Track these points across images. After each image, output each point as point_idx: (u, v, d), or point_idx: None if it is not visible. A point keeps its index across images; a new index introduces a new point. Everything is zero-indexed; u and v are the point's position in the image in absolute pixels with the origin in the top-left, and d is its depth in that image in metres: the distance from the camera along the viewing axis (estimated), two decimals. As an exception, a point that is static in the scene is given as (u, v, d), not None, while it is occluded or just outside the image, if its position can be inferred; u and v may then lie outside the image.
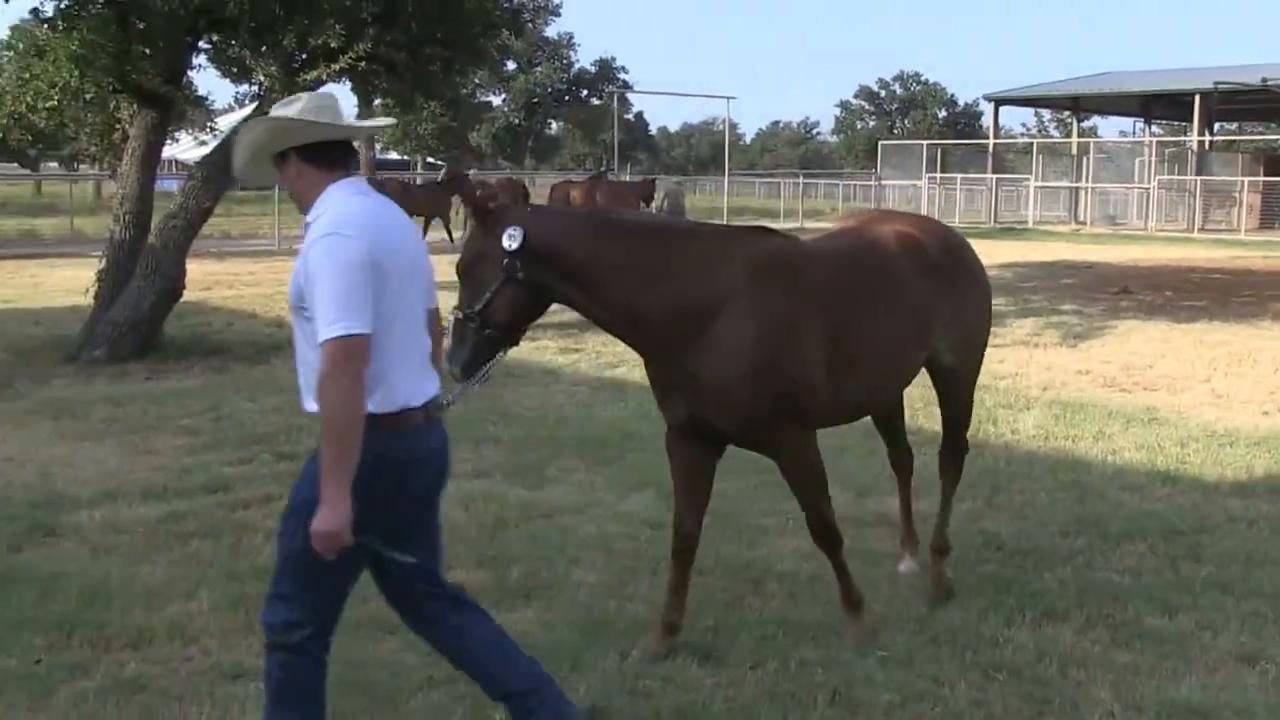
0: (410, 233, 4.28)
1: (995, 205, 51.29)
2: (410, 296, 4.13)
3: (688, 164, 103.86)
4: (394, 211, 4.22)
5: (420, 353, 4.21)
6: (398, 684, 5.17)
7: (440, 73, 15.63)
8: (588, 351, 14.14)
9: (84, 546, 6.93)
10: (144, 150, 14.64)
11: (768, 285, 5.24)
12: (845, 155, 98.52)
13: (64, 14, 14.24)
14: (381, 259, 3.94)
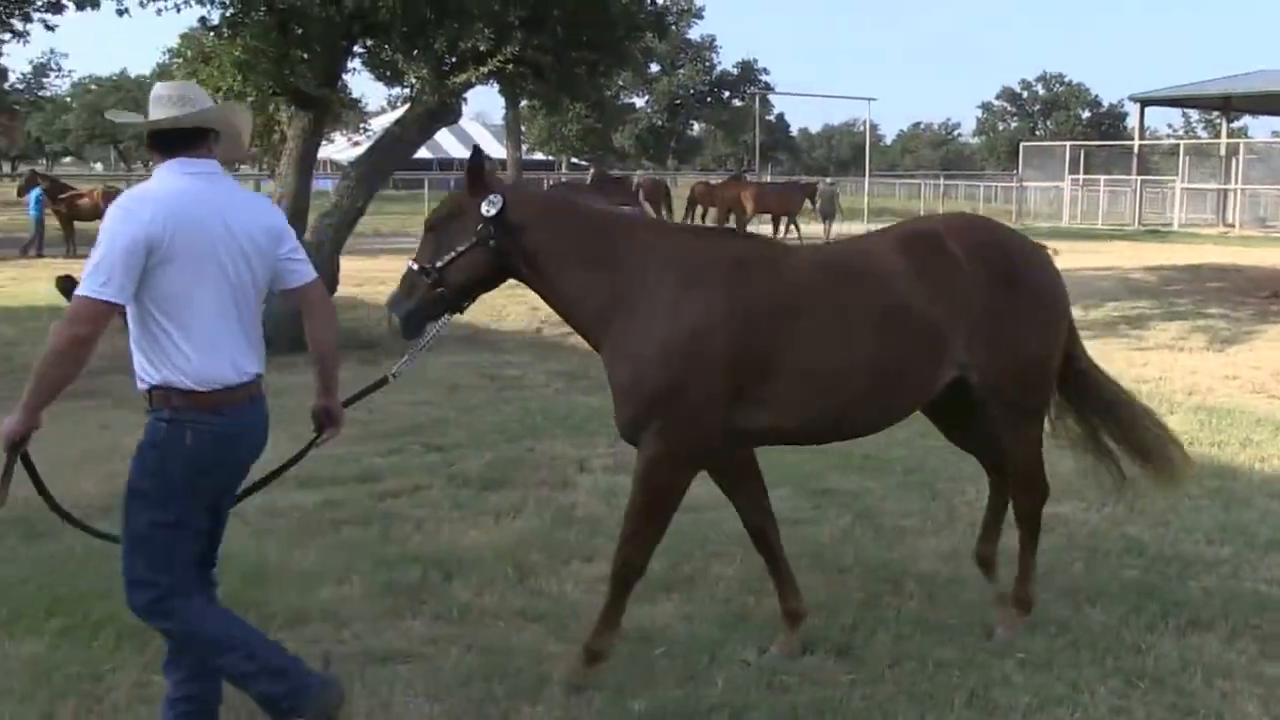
0: (238, 217, 4.22)
1: (1139, 207, 49.92)
2: (218, 278, 4.13)
3: (828, 165, 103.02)
4: (217, 195, 4.20)
5: (238, 333, 4.23)
6: (541, 671, 5.20)
7: (586, 75, 15.74)
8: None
9: (245, 529, 7.11)
10: (301, 151, 15.00)
11: (687, 288, 5.01)
12: (986, 157, 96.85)
13: (229, 22, 14.68)
14: (166, 238, 4.00)
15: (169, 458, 4.13)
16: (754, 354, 4.98)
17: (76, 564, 6.38)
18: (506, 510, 7.51)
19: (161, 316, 4.09)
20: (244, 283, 4.23)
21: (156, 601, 4.18)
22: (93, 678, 5.08)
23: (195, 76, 15.91)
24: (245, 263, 4.22)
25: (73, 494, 7.70)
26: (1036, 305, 5.47)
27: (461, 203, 5.15)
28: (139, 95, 70.94)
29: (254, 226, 4.26)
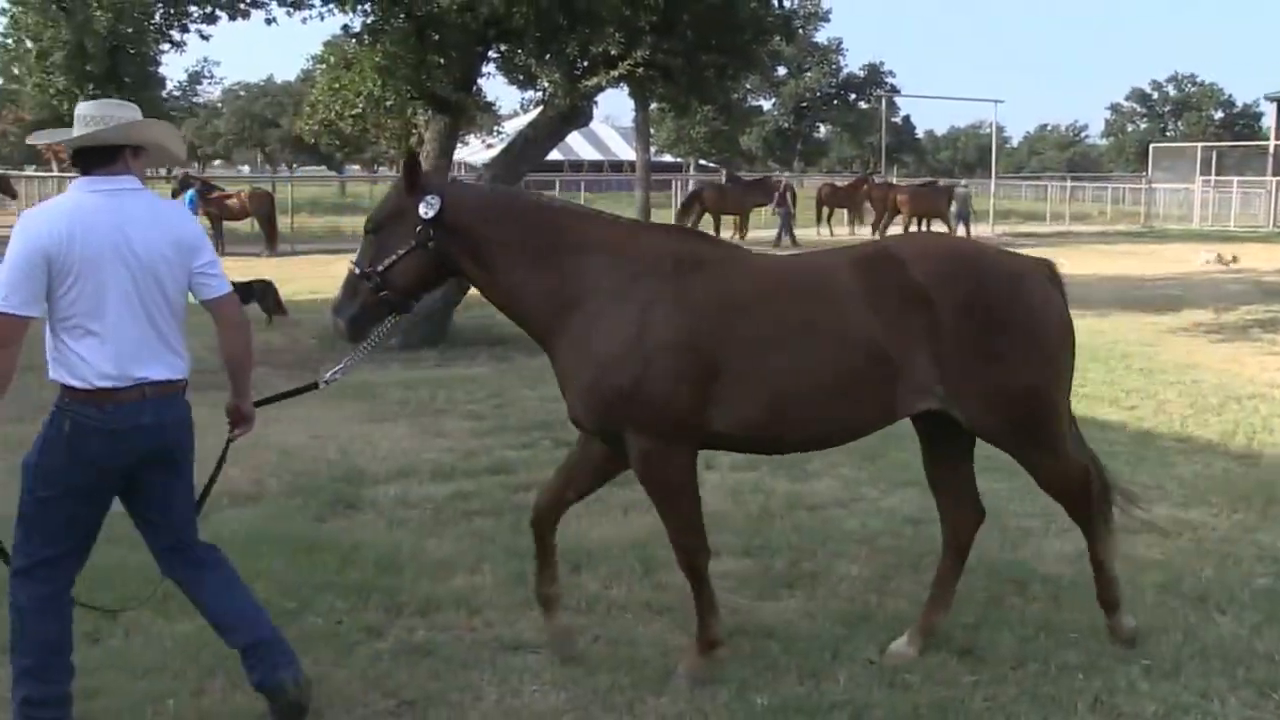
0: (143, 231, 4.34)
1: (1275, 208, 48.28)
2: (118, 287, 4.28)
3: (953, 167, 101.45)
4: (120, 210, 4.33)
5: (141, 339, 4.36)
6: (666, 663, 5.22)
7: (714, 78, 15.71)
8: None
9: (380, 519, 7.27)
10: (437, 153, 15.23)
11: (639, 286, 4.92)
12: (1115, 158, 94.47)
13: (369, 29, 14.96)
14: (59, 253, 4.20)
15: (49, 445, 4.37)
16: (701, 349, 4.86)
17: (226, 548, 6.51)
18: (634, 505, 7.53)
19: (58, 321, 4.32)
20: (149, 292, 4.38)
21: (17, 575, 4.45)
22: (237, 657, 5.22)
23: (338, 82, 16.24)
24: (150, 273, 4.37)
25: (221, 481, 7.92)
26: (1022, 334, 5.02)
27: (400, 204, 5.04)
28: (284, 100, 72.72)
29: (160, 240, 4.40)
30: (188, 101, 49.71)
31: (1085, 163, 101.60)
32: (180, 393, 4.59)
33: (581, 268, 4.98)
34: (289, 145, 73.79)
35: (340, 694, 4.90)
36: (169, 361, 4.50)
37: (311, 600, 5.85)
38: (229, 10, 16.56)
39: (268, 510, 7.44)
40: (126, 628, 5.55)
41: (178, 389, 4.56)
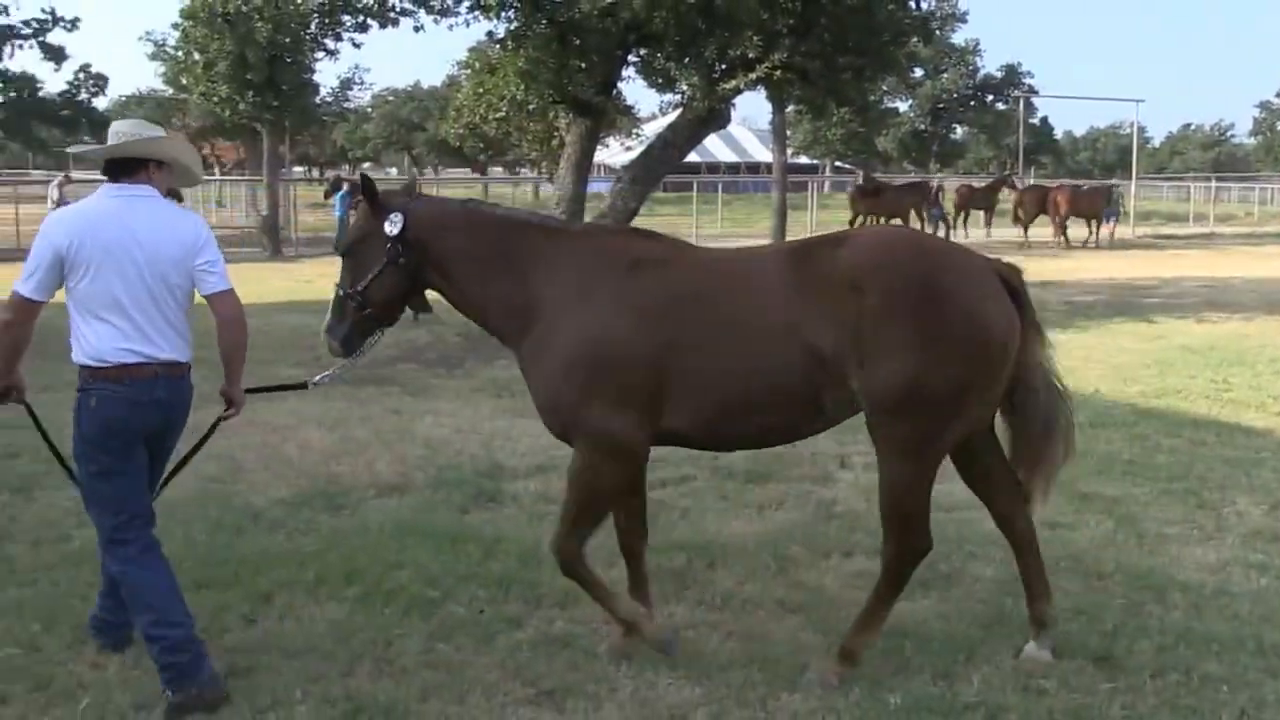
0: (150, 234, 4.83)
1: None
2: (126, 280, 4.77)
3: (1093, 168, 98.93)
4: (133, 214, 4.85)
5: (148, 324, 4.83)
6: (799, 660, 5.18)
7: (851, 80, 15.60)
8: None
9: (521, 513, 7.34)
10: (578, 155, 15.36)
11: (591, 290, 4.97)
12: (1263, 158, 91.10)
13: (513, 35, 15.16)
14: (69, 253, 4.76)
15: (83, 421, 4.84)
16: (643, 353, 4.87)
17: (373, 537, 6.71)
18: (769, 503, 7.51)
19: (76, 310, 4.84)
20: (156, 284, 4.84)
21: (104, 543, 4.94)
22: (385, 642, 5.33)
23: (482, 86, 16.50)
24: (155, 268, 4.83)
25: (368, 473, 8.11)
26: (947, 335, 4.70)
27: (367, 226, 5.21)
28: (430, 104, 73.93)
29: (165, 240, 4.87)
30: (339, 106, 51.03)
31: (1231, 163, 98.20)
32: (185, 375, 5.03)
33: (532, 276, 5.07)
34: (435, 148, 74.97)
35: (481, 682, 4.96)
36: (175, 345, 4.95)
37: (454, 590, 5.94)
38: (379, 19, 16.90)
39: (413, 502, 7.57)
40: (280, 611, 5.70)
41: (183, 371, 5.01)
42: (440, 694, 4.86)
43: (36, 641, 5.31)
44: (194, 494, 7.66)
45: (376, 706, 4.71)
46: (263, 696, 4.79)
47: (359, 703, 4.75)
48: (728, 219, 41.24)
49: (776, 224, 34.47)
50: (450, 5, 15.53)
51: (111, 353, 4.78)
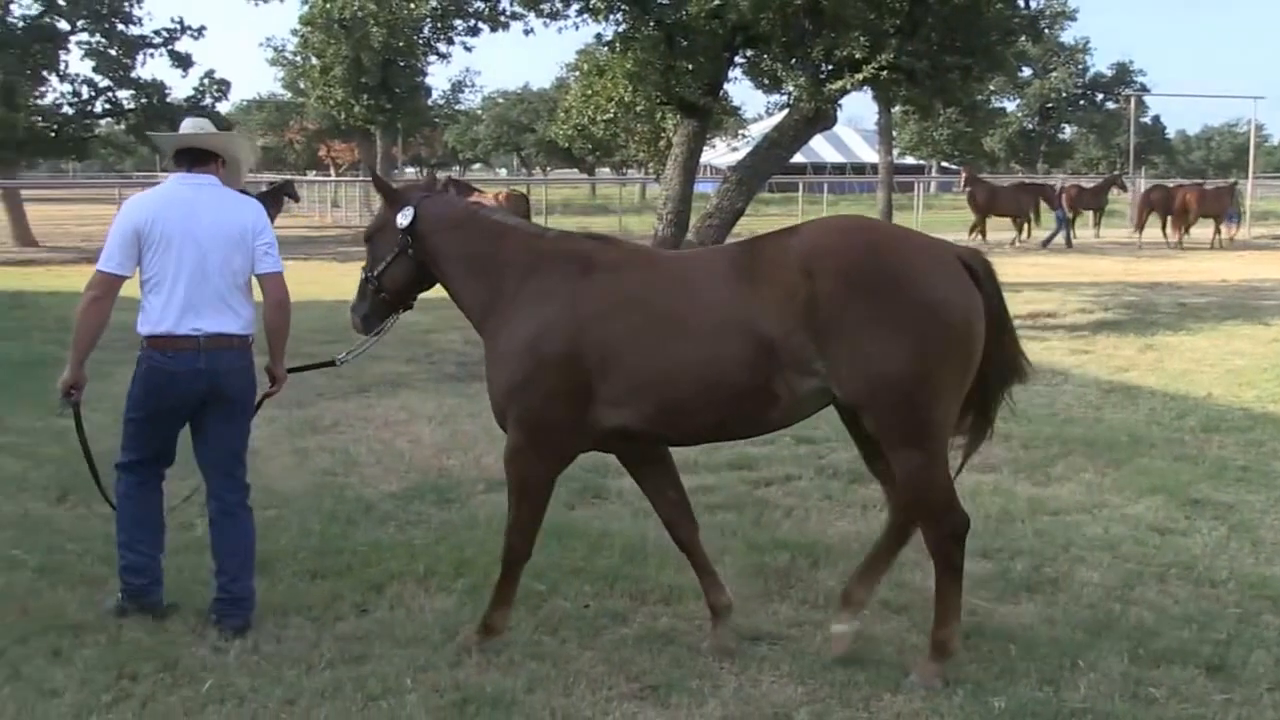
0: (211, 216, 5.37)
1: None
2: (190, 259, 5.29)
3: (1206, 167, 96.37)
4: (197, 200, 5.39)
5: (204, 300, 5.32)
6: (903, 661, 5.13)
7: (959, 80, 15.37)
8: (1098, 354, 13.44)
9: (625, 509, 7.36)
10: (685, 156, 15.34)
11: (543, 291, 5.12)
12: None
13: (621, 37, 15.19)
14: (145, 229, 5.30)
15: (135, 379, 5.45)
16: (589, 353, 4.94)
17: (481, 531, 6.77)
18: (873, 503, 7.43)
19: (143, 282, 5.37)
20: (213, 263, 5.34)
21: (117, 467, 5.59)
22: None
23: (590, 88, 16.57)
24: (214, 249, 5.34)
25: (476, 467, 8.19)
26: (906, 318, 4.64)
27: (385, 216, 5.57)
28: (539, 106, 74.52)
29: (226, 223, 5.40)
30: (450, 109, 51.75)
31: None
32: (237, 347, 5.44)
33: (502, 278, 5.27)
34: (543, 149, 75.61)
35: (586, 675, 4.97)
36: (226, 319, 5.39)
37: (561, 584, 5.97)
38: (491, 23, 17.19)
39: (521, 496, 7.62)
40: (391, 601, 5.78)
41: (233, 343, 5.41)
42: (546, 686, 4.89)
43: (163, 624, 5.46)
44: (309, 487, 7.81)
45: (484, 697, 4.75)
46: (373, 684, 4.86)
47: (466, 693, 4.80)
48: (833, 219, 40.91)
49: (882, 224, 34.23)
50: (560, 8, 15.62)
51: (159, 323, 5.31)
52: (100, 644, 5.24)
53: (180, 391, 5.36)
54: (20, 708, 4.67)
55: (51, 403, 6.15)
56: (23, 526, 6.93)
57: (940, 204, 52.41)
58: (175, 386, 5.35)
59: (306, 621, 5.53)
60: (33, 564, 6.24)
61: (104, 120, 38.33)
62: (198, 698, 4.77)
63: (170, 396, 5.38)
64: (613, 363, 4.93)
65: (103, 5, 34.62)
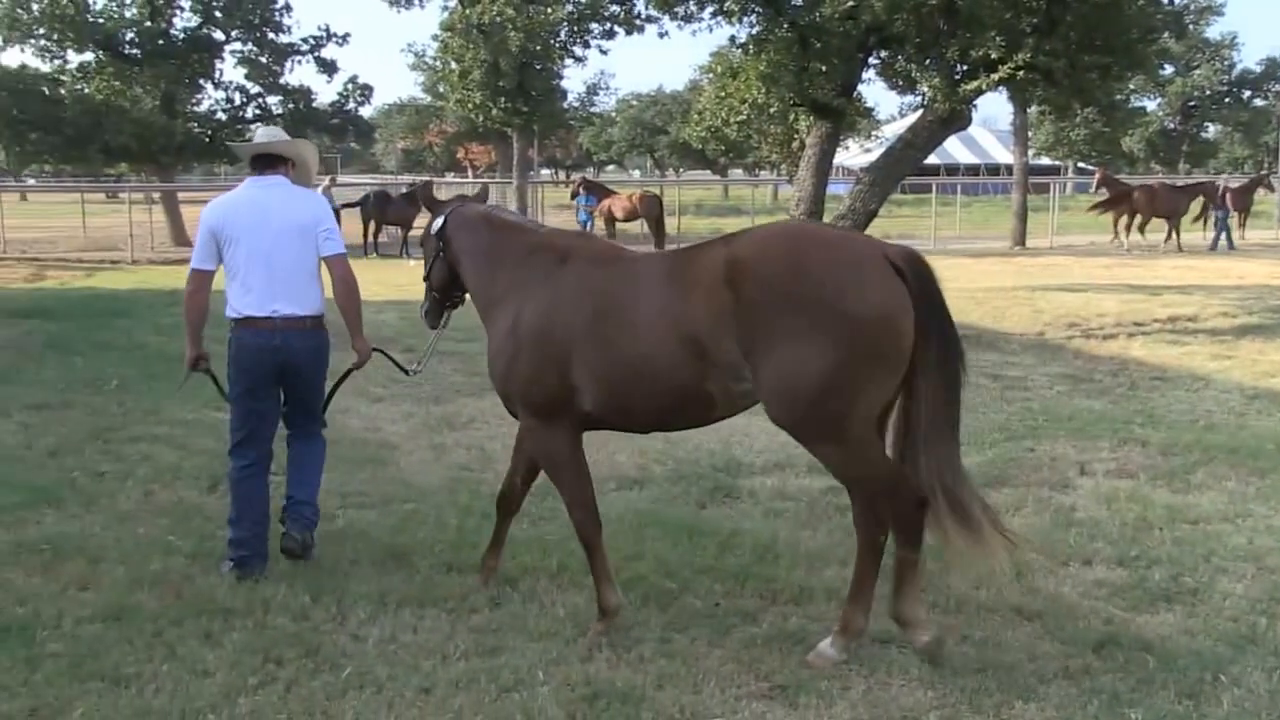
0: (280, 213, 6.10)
1: None
2: (263, 251, 6.04)
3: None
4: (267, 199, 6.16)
5: (277, 285, 6.06)
6: (1035, 668, 5.02)
7: (1098, 79, 14.95)
8: (1241, 359, 12.97)
9: (757, 509, 7.33)
10: (818, 157, 15.24)
11: (527, 288, 5.48)
12: None
13: (755, 39, 15.14)
14: (222, 228, 6.11)
15: (228, 360, 6.19)
16: (559, 335, 5.26)
17: (613, 528, 6.78)
18: (1005, 507, 7.28)
19: (227, 274, 6.14)
20: (282, 254, 6.06)
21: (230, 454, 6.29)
22: (622, 630, 5.40)
23: (724, 90, 16.56)
24: (287, 241, 6.07)
25: (609, 465, 8.24)
26: (821, 323, 4.68)
27: (429, 222, 6.18)
28: (673, 108, 74.64)
29: (295, 214, 6.13)
30: (585, 111, 52.14)
31: None
32: (308, 326, 6.15)
33: (499, 269, 5.72)
34: (676, 151, 75.69)
35: (716, 674, 4.96)
36: (298, 302, 6.11)
37: (691, 582, 5.97)
38: (626, 26, 17.22)
39: (652, 494, 7.65)
40: (524, 595, 5.84)
41: (304, 323, 6.12)
42: (676, 683, 4.89)
43: (306, 611, 5.60)
44: (446, 481, 7.94)
45: (614, 692, 4.77)
46: (506, 676, 4.92)
47: (597, 687, 4.82)
48: (966, 221, 40.23)
49: (1016, 227, 33.51)
50: (694, 11, 15.62)
51: (242, 307, 6.08)
52: (248, 628, 5.41)
53: (263, 364, 6.11)
54: (176, 685, 4.85)
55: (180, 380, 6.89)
56: (176, 514, 7.17)
57: (1077, 205, 51.13)
58: (258, 360, 6.09)
59: (442, 613, 5.62)
60: (186, 550, 6.46)
61: (254, 125, 39.58)
62: (338, 684, 4.88)
63: (255, 369, 6.12)
64: (576, 348, 5.22)
65: (255, 15, 35.78)
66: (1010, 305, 17.63)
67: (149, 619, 5.49)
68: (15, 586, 5.94)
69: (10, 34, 33.35)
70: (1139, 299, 18.28)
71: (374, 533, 6.81)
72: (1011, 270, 24.32)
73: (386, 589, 5.87)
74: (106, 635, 5.33)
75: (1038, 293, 19.18)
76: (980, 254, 29.69)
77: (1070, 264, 26.02)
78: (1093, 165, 56.99)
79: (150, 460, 8.45)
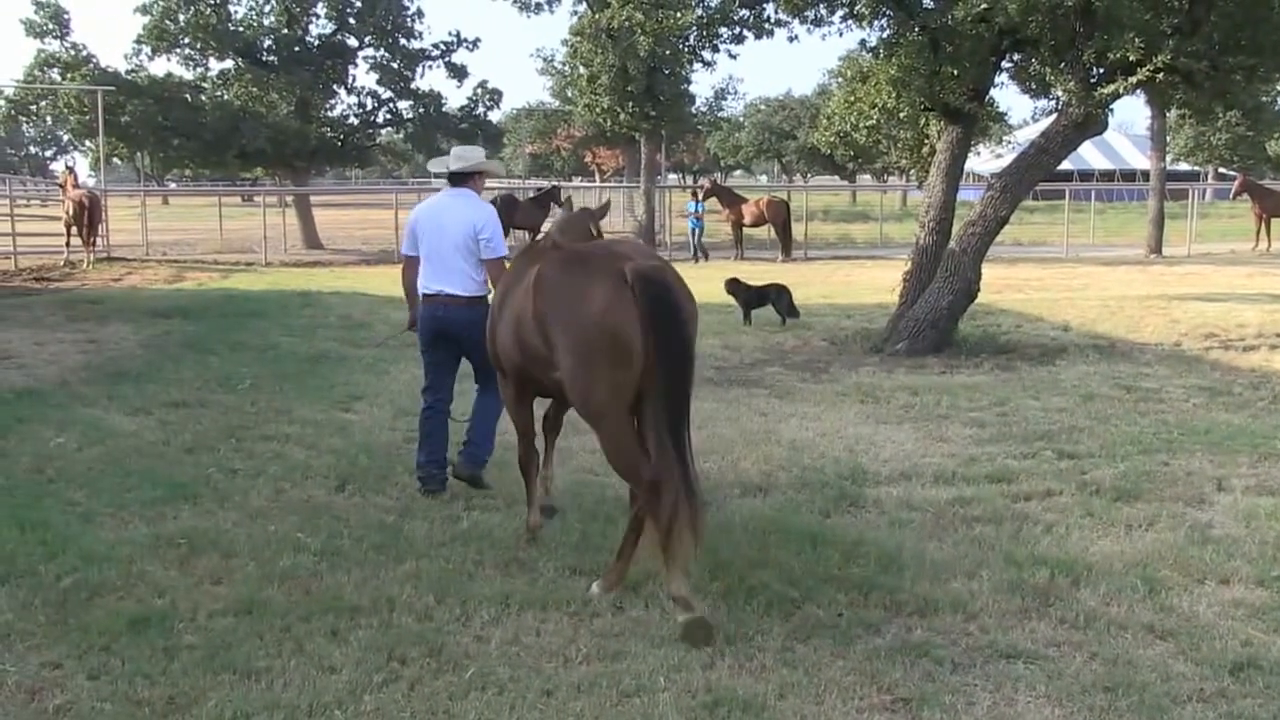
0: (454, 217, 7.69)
1: None
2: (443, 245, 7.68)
3: None
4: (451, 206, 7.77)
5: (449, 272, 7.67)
6: (1168, 689, 4.88)
7: (1242, 81, 14.48)
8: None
9: (882, 518, 7.26)
10: (949, 163, 15.03)
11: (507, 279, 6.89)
12: None
13: (885, 43, 15.01)
14: (414, 225, 7.89)
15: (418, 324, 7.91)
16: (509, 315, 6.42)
17: (736, 535, 6.81)
18: (1138, 522, 7.10)
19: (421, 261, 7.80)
20: (454, 248, 7.65)
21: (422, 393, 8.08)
22: (744, 638, 5.40)
23: (853, 95, 16.42)
24: (453, 240, 7.65)
25: (733, 472, 8.24)
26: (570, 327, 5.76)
27: None
28: (801, 113, 74.29)
29: (464, 221, 7.66)
30: (713, 115, 52.08)
31: None
32: (465, 304, 7.65)
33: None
34: (804, 155, 75.30)
35: (838, 685, 4.93)
36: (459, 285, 7.68)
37: (814, 591, 5.93)
38: (756, 30, 17.09)
39: (776, 502, 7.62)
40: (647, 600, 5.87)
41: (461, 301, 7.67)
42: (797, 693, 4.87)
43: (430, 612, 5.71)
44: (571, 485, 8.02)
45: (735, 700, 4.77)
46: (628, 681, 4.95)
47: (718, 695, 4.83)
48: (1100, 229, 39.23)
49: (1153, 234, 32.61)
50: (824, 15, 15.51)
51: (425, 287, 7.75)
52: (373, 627, 5.52)
53: (430, 329, 7.77)
54: (304, 680, 4.96)
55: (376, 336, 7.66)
56: (305, 512, 7.37)
57: (1217, 212, 49.60)
58: (427, 325, 7.79)
59: (564, 616, 5.67)
60: (314, 547, 6.63)
61: (384, 129, 40.44)
62: (461, 684, 4.96)
63: (425, 332, 7.82)
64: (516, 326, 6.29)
65: (388, 21, 36.57)
66: (1145, 315, 17.17)
67: (278, 614, 5.64)
68: (154, 579, 6.16)
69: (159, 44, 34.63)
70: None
71: (499, 535, 6.91)
72: (1147, 279, 23.67)
73: (510, 591, 5.94)
74: (239, 629, 5.49)
75: (1174, 302, 18.66)
76: (1115, 262, 28.96)
77: (1209, 273, 25.25)
78: (1234, 170, 55.22)
79: (281, 458, 8.70)
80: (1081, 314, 17.34)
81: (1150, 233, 32.81)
